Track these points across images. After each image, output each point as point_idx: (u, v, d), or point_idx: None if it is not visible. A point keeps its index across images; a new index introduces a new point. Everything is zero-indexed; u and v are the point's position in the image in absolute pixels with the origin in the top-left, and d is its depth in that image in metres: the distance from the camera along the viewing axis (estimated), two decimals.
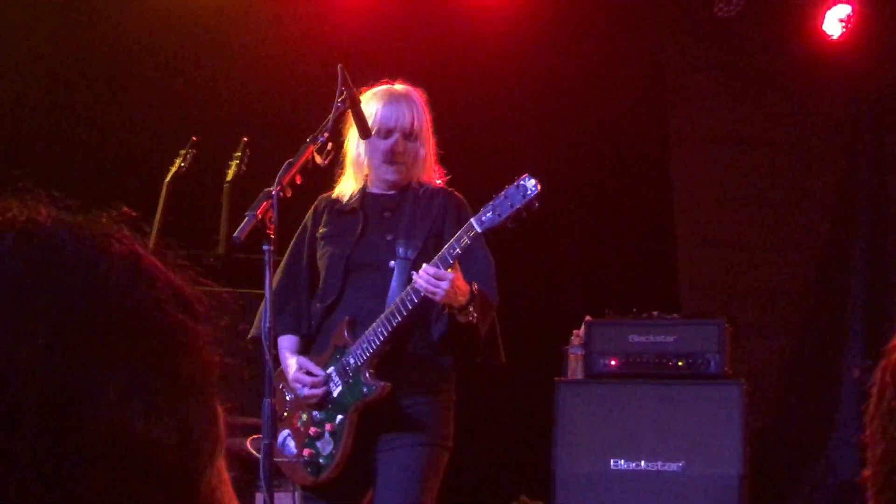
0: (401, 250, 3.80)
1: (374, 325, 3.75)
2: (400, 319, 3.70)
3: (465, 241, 3.61)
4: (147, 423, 0.81)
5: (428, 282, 3.58)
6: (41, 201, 0.88)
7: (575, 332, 6.04)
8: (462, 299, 3.66)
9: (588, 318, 5.99)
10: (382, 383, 3.74)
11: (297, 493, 4.02)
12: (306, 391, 3.83)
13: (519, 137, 7.16)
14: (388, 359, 3.79)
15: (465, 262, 3.78)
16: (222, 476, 0.90)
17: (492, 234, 3.72)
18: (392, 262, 3.81)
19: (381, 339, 3.73)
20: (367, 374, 3.76)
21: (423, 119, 3.94)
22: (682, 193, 7.45)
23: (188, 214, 6.16)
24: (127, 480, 0.80)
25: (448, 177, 4.04)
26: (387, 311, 3.73)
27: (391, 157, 3.86)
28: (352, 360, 3.78)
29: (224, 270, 5.75)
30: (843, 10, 7.21)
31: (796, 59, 7.32)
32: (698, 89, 7.53)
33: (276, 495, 4.53)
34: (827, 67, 7.26)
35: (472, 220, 3.62)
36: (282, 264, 4.05)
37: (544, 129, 7.30)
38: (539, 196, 3.57)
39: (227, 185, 6.07)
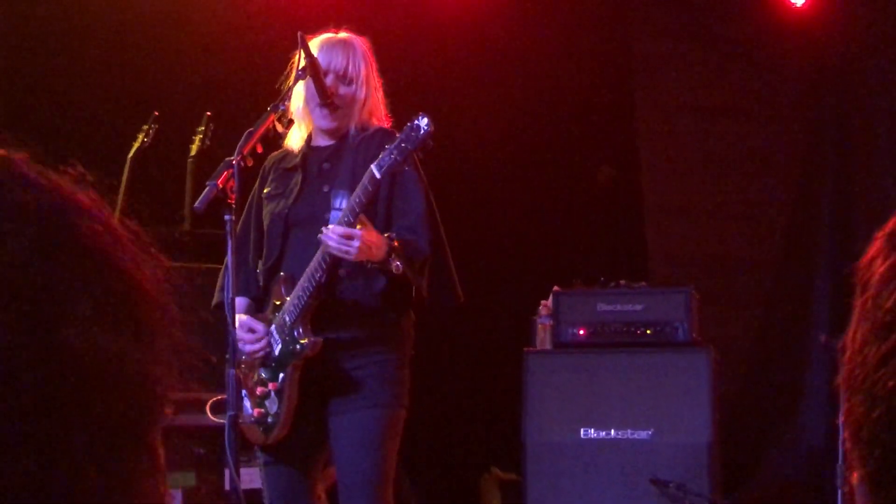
0: (336, 201, 3.75)
1: (301, 279, 3.72)
2: (322, 273, 3.67)
3: (369, 188, 3.59)
4: (116, 338, 0.85)
5: (338, 242, 3.55)
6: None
7: (543, 302, 6.04)
8: (379, 254, 3.62)
9: (556, 288, 5.99)
10: (314, 339, 3.71)
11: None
12: (248, 347, 3.81)
13: (485, 109, 7.13)
14: (331, 313, 3.75)
15: (398, 207, 3.78)
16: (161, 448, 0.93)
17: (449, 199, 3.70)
18: (328, 215, 3.78)
19: (309, 293, 3.70)
20: (300, 330, 3.73)
21: (360, 64, 3.87)
22: (648, 162, 7.45)
23: (152, 190, 6.10)
24: (101, 395, 0.83)
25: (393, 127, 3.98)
26: (311, 264, 3.69)
27: (325, 98, 3.80)
28: (287, 318, 3.76)
29: (189, 246, 5.71)
30: None
31: (761, 28, 7.33)
32: (664, 58, 7.52)
33: (245, 470, 4.51)
34: (792, 36, 7.28)
35: (371, 166, 3.60)
36: (237, 230, 4.03)
37: (511, 98, 7.28)
38: (432, 134, 3.56)
39: (191, 160, 6.02)
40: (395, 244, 3.65)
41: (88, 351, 0.83)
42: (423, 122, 3.57)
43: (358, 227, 3.57)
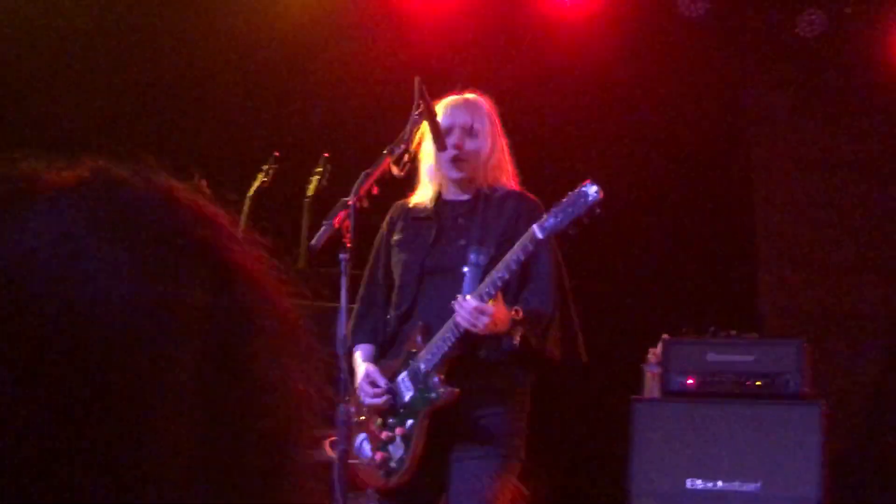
0: (472, 256, 3.80)
1: (441, 330, 3.77)
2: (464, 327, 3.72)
3: (529, 247, 3.62)
4: (285, 363, 0.92)
5: (467, 318, 3.60)
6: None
7: (651, 350, 6.01)
8: (503, 328, 3.67)
9: (665, 336, 5.96)
10: (451, 389, 3.75)
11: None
12: (367, 400, 3.87)
13: (602, 158, 7.15)
14: (461, 366, 3.80)
15: (527, 264, 3.81)
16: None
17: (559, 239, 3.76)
18: (464, 268, 3.83)
19: (450, 345, 3.74)
20: (437, 380, 3.77)
21: (484, 119, 3.95)
22: (763, 213, 7.38)
23: (269, 229, 6.25)
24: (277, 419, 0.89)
25: (523, 182, 4.05)
26: (454, 316, 3.74)
27: (453, 154, 3.86)
28: (422, 366, 3.80)
29: (304, 284, 5.82)
30: None
31: (879, 80, 7.23)
32: (780, 109, 7.47)
33: None
34: None
35: (534, 226, 3.64)
36: (364, 275, 4.12)
37: (628, 148, 7.29)
38: (600, 202, 3.58)
39: (307, 199, 6.15)
40: (519, 318, 3.69)
41: (274, 379, 0.89)
42: (592, 189, 3.61)
43: (490, 302, 3.61)
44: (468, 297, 3.63)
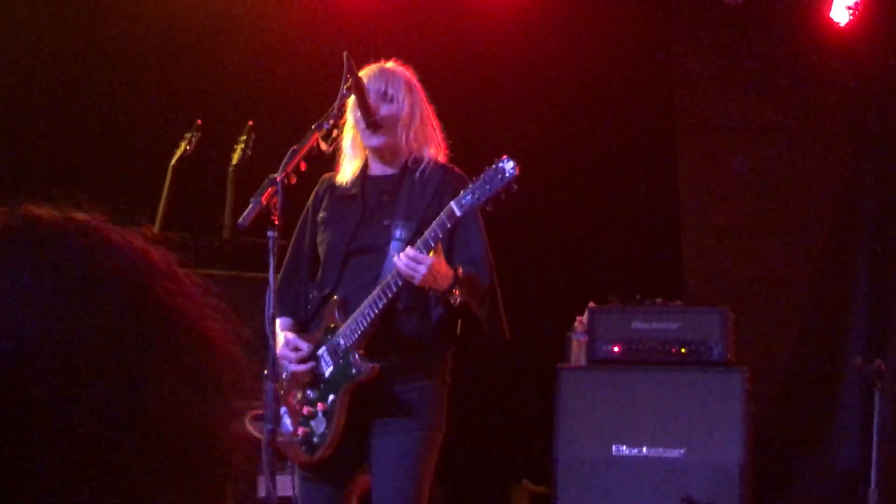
0: (397, 233, 3.78)
1: (362, 306, 3.76)
2: (386, 301, 3.71)
3: (447, 224, 3.61)
4: (195, 397, 0.89)
5: (407, 265, 3.58)
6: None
7: (578, 318, 6.05)
8: (444, 283, 3.64)
9: (591, 304, 6.00)
10: (371, 365, 3.75)
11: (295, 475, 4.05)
12: (292, 367, 3.85)
13: (526, 124, 7.15)
14: (384, 341, 3.80)
15: (459, 241, 3.80)
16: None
17: (485, 215, 3.76)
18: (388, 247, 3.81)
19: (369, 320, 3.74)
20: (357, 356, 3.76)
21: (400, 85, 3.90)
22: (687, 180, 7.44)
23: (193, 198, 6.18)
24: (182, 454, 0.88)
25: (451, 154, 4.02)
26: (374, 292, 3.73)
27: (368, 119, 3.81)
28: (342, 342, 3.79)
29: (229, 254, 5.77)
30: None
31: (803, 47, 7.30)
32: (705, 76, 7.51)
33: (278, 478, 4.55)
34: (834, 55, 7.25)
35: (451, 203, 3.62)
36: (289, 249, 4.08)
37: (551, 115, 7.30)
38: (517, 178, 3.58)
39: (231, 169, 6.09)
40: (461, 276, 3.69)
41: (172, 412, 0.86)
42: (509, 165, 3.59)
43: (431, 254, 3.60)
44: (408, 248, 3.61)
